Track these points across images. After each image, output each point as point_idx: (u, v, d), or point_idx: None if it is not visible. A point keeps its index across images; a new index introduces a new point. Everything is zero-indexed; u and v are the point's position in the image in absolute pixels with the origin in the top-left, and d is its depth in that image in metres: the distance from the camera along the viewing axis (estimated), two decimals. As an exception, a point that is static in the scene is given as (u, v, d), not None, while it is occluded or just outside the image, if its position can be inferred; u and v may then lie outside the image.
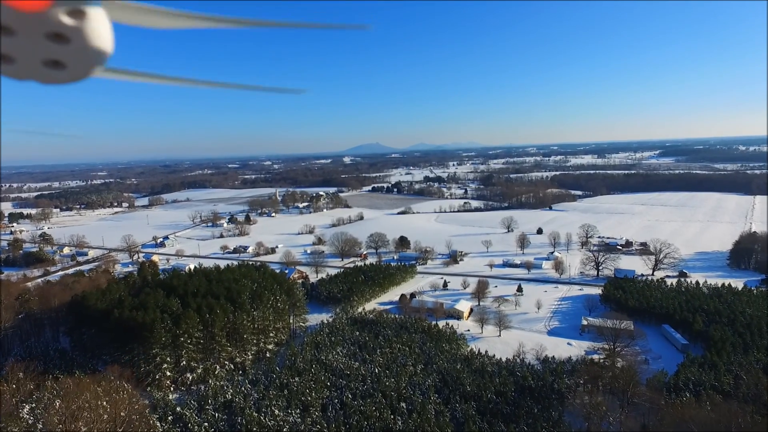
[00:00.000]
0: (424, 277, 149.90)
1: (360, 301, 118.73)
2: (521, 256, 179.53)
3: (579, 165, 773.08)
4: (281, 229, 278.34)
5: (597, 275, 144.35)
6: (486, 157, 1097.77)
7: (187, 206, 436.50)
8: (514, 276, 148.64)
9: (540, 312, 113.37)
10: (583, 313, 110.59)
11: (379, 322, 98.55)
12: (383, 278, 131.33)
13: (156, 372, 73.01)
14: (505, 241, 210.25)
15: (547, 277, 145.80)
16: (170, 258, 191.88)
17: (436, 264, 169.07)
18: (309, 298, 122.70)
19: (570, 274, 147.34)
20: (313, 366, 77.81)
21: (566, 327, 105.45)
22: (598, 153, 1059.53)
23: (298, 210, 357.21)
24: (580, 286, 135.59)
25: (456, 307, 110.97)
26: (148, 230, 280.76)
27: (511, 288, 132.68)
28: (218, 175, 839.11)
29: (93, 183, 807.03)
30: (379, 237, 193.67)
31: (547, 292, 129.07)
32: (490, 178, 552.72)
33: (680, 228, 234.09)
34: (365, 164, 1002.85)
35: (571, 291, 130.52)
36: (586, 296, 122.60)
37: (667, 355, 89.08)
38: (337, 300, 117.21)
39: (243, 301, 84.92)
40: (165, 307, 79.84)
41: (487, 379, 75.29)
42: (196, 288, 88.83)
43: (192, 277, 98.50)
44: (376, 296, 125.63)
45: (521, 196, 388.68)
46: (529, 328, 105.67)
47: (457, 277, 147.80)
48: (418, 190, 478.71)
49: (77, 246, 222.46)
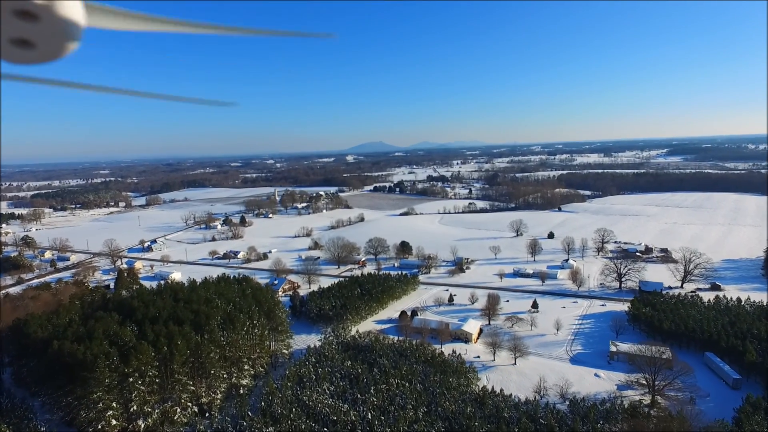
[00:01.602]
0: (427, 288, 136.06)
1: (355, 320, 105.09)
2: (533, 263, 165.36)
3: (585, 164, 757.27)
4: (277, 231, 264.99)
5: (619, 287, 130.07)
6: (490, 156, 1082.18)
7: (184, 206, 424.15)
8: (527, 288, 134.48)
9: (560, 334, 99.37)
10: (610, 336, 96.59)
11: (374, 348, 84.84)
12: (382, 291, 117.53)
13: (99, 420, 59.61)
14: (514, 246, 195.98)
15: (563, 290, 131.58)
16: (154, 264, 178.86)
17: (441, 273, 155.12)
18: (297, 315, 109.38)
19: (589, 286, 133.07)
20: (293, 410, 64.26)
21: (591, 353, 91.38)
22: (603, 151, 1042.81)
23: (296, 211, 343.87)
24: (602, 300, 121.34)
25: (464, 329, 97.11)
26: (138, 232, 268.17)
27: (524, 303, 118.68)
28: (219, 174, 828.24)
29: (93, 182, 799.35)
30: (378, 242, 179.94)
31: (566, 309, 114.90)
32: (495, 177, 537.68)
33: (701, 232, 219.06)
34: (368, 163, 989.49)
35: (593, 307, 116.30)
36: (611, 314, 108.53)
37: (717, 392, 74.95)
38: (328, 318, 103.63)
39: (212, 327, 71.35)
40: (116, 337, 66.40)
41: (504, 428, 61.57)
42: (159, 310, 75.39)
43: (159, 294, 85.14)
44: (373, 313, 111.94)
45: (528, 197, 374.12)
46: (548, 353, 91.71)
47: (464, 289, 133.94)
48: (421, 190, 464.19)
49: (59, 250, 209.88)
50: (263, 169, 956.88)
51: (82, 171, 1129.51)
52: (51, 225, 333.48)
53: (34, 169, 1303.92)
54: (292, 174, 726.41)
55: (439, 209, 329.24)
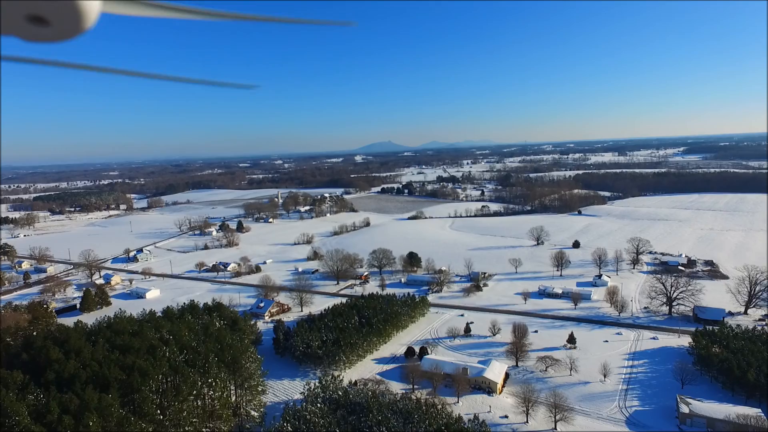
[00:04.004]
0: (438, 312, 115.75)
1: (350, 360, 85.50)
2: (560, 279, 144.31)
3: (600, 163, 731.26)
4: (276, 237, 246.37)
5: (669, 313, 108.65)
6: (501, 155, 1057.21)
7: (185, 209, 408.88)
8: (557, 312, 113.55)
9: (608, 381, 78.63)
10: (674, 386, 75.67)
11: (371, 408, 65.05)
12: (384, 320, 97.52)
13: None
14: (535, 257, 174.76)
15: (601, 315, 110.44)
16: (133, 279, 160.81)
17: (454, 292, 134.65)
18: (281, 351, 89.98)
19: (632, 311, 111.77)
20: None
21: (653, 411, 70.60)
22: (617, 150, 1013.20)
23: (298, 215, 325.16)
24: (652, 331, 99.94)
25: (486, 375, 76.84)
26: (128, 240, 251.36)
27: (557, 335, 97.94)
28: (226, 175, 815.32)
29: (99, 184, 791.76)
30: (383, 254, 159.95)
31: (609, 343, 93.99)
32: (508, 177, 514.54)
33: (745, 240, 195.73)
34: (376, 163, 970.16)
35: (642, 341, 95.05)
36: (668, 352, 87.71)
37: None
38: (317, 358, 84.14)
39: (144, 396, 52.02)
40: (9, 412, 47.40)
41: None
42: (84, 364, 56.46)
43: (93, 337, 66.18)
44: (374, 349, 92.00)
45: (544, 198, 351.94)
46: (596, 410, 71.12)
47: (483, 313, 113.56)
48: (430, 192, 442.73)
49: (38, 260, 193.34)
50: (271, 169, 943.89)
51: (93, 172, 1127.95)
52: (43, 230, 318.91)
53: (47, 170, 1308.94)
54: (299, 175, 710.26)
55: (450, 212, 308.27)
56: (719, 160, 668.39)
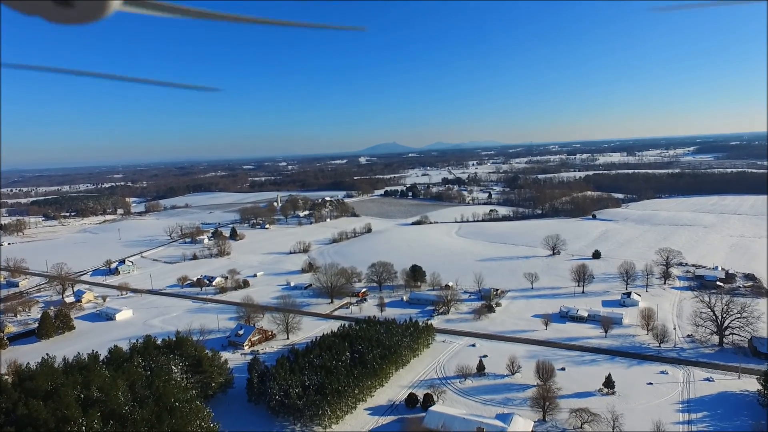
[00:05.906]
0: (446, 341, 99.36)
1: (338, 409, 69.51)
2: (582, 297, 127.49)
3: (609, 163, 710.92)
4: (271, 245, 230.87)
5: (720, 344, 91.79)
6: (506, 156, 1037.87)
7: (182, 213, 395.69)
8: (586, 342, 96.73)
9: (662, 445, 62.14)
10: (750, 454, 59.21)
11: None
12: (381, 357, 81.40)
13: None
14: (552, 269, 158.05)
15: (638, 346, 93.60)
16: (108, 296, 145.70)
17: (463, 314, 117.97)
18: (254, 398, 74.18)
19: (674, 340, 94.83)
20: None
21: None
22: (625, 150, 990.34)
23: (297, 220, 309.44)
24: (704, 369, 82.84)
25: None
26: (115, 248, 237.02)
27: (588, 373, 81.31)
28: (228, 177, 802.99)
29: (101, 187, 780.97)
30: (383, 267, 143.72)
31: (654, 386, 77.18)
32: (515, 179, 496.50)
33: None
34: (380, 164, 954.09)
35: (695, 383, 78.05)
36: (730, 398, 71.10)
37: None
38: (297, 410, 68.24)
39: None
40: None
41: None
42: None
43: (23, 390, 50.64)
44: (368, 395, 75.85)
45: (555, 201, 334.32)
46: (652, 490, 54.70)
47: (498, 342, 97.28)
48: (435, 194, 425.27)
49: (12, 272, 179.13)
50: (274, 171, 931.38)
51: (97, 175, 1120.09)
52: (31, 237, 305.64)
53: (52, 173, 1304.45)
54: (301, 177, 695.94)
55: (456, 217, 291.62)
56: (732, 159, 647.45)
